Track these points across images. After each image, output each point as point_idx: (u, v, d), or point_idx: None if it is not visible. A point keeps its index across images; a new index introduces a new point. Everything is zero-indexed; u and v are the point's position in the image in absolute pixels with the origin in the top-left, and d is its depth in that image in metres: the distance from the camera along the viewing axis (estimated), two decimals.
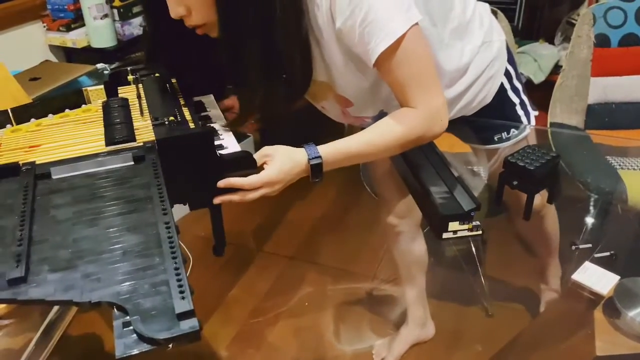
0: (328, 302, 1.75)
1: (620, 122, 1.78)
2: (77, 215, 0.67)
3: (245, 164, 0.85)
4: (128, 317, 0.54)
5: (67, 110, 0.94)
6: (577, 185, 1.44)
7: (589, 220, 1.26)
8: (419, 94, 0.90)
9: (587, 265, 0.96)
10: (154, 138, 0.80)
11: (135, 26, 2.34)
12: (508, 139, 1.17)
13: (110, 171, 0.76)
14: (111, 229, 0.65)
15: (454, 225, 0.89)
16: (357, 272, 1.87)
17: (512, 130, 1.17)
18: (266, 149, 0.89)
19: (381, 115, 1.08)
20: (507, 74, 1.15)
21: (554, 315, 1.13)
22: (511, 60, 1.15)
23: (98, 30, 2.20)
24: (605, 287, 0.91)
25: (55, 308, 1.06)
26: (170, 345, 0.54)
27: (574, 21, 2.48)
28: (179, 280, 0.57)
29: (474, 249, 1.71)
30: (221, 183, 0.85)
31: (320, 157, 0.89)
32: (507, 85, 1.15)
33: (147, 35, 1.02)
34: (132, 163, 0.77)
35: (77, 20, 2.21)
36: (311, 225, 2.12)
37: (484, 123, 1.16)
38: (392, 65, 0.87)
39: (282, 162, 0.88)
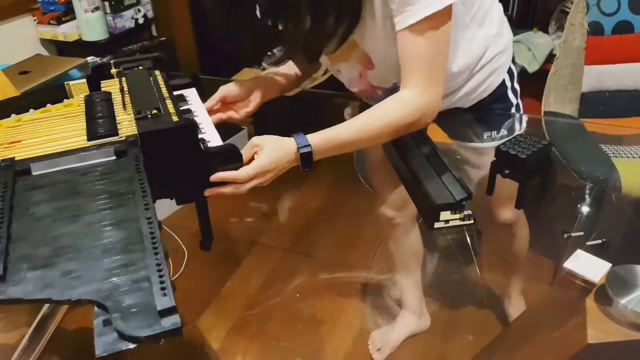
0: (323, 294, 1.75)
1: (614, 110, 1.78)
2: (57, 211, 0.66)
3: (230, 157, 0.84)
4: (108, 315, 0.53)
5: (48, 105, 0.93)
6: (571, 173, 1.43)
7: (582, 209, 1.26)
8: (424, 77, 0.89)
9: (579, 253, 0.96)
10: (136, 132, 0.79)
11: (127, 19, 2.32)
12: (495, 139, 1.17)
13: (92, 166, 0.75)
14: (92, 225, 0.64)
15: (445, 215, 0.89)
16: (352, 263, 1.87)
17: (502, 130, 1.17)
18: (255, 140, 0.89)
19: (394, 88, 1.07)
20: (510, 73, 1.15)
21: (546, 304, 1.14)
22: (514, 61, 1.16)
23: (89, 24, 2.18)
24: (597, 274, 0.91)
25: None
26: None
27: (567, 9, 2.47)
28: (160, 276, 0.56)
29: (468, 239, 1.71)
30: (213, 177, 0.84)
31: (309, 145, 0.89)
32: (508, 84, 1.15)
33: None
34: (114, 158, 0.76)
35: (67, 13, 2.20)
36: (306, 217, 2.12)
37: (477, 117, 1.15)
38: (415, 39, 0.87)
39: (272, 150, 0.87)
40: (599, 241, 1.00)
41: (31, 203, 0.68)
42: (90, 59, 1.74)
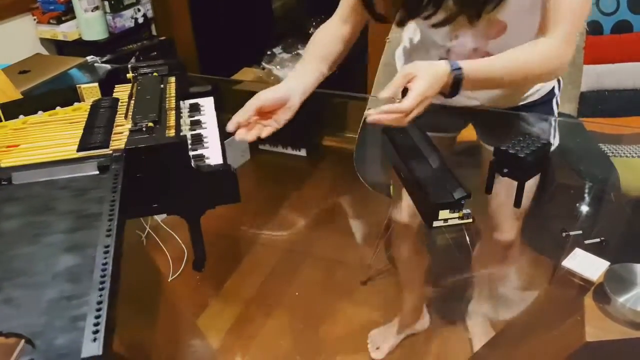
0: (322, 293, 1.76)
1: (613, 110, 1.78)
2: (23, 228, 0.63)
3: (224, 178, 0.80)
4: (34, 355, 0.49)
5: (57, 108, 0.92)
6: (570, 172, 1.44)
7: (581, 207, 1.26)
8: (568, 30, 0.90)
9: (578, 251, 0.96)
10: (123, 146, 0.76)
11: (127, 18, 2.32)
12: None
13: (72, 180, 0.71)
14: (50, 247, 0.60)
15: (444, 214, 0.89)
16: (351, 262, 1.88)
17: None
18: (407, 68, 0.88)
19: None
20: (559, 83, 1.15)
21: (544, 302, 1.14)
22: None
23: (89, 23, 2.18)
24: (596, 273, 0.91)
25: None
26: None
27: None
28: (97, 317, 0.51)
29: (467, 237, 1.71)
30: (371, 119, 0.85)
31: (461, 68, 0.88)
32: (556, 92, 1.15)
33: None
34: (97, 172, 0.72)
35: (67, 12, 2.20)
36: (305, 216, 2.12)
37: (514, 123, 1.13)
38: None
39: (427, 75, 0.86)
40: (598, 240, 1.00)
41: (1, 216, 0.65)
42: (90, 58, 1.74)
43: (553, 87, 1.15)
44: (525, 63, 0.92)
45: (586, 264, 0.93)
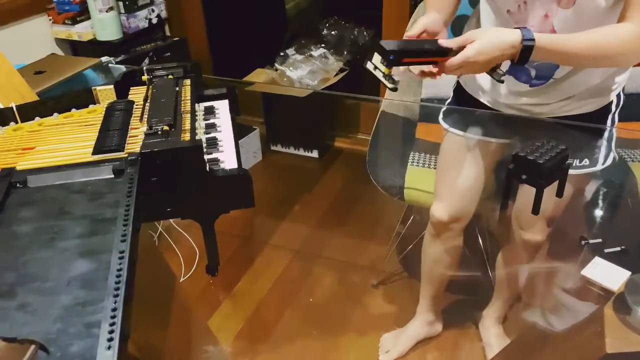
0: (334, 295, 1.75)
1: (630, 114, 1.74)
2: (37, 232, 0.63)
3: (238, 182, 0.80)
4: None
5: (73, 110, 0.92)
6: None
7: (599, 214, 1.24)
8: None
9: (597, 260, 0.94)
10: (139, 150, 0.76)
11: (141, 19, 2.33)
12: (576, 167, 1.12)
13: (87, 184, 0.71)
14: (65, 253, 0.60)
15: (377, 59, 0.97)
16: (363, 265, 1.86)
17: (585, 159, 1.13)
18: (471, 34, 0.93)
19: None
20: (618, 98, 1.13)
21: (563, 311, 1.12)
22: (624, 91, 1.15)
23: (103, 23, 2.20)
24: (616, 283, 0.89)
25: None
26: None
27: None
28: (111, 324, 0.50)
29: (481, 243, 1.69)
30: (421, 73, 0.95)
31: (534, 40, 0.90)
32: (613, 108, 1.12)
33: None
34: (112, 176, 0.72)
35: (82, 13, 2.21)
36: (317, 218, 2.11)
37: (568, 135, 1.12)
38: None
39: (483, 44, 0.91)
40: (618, 248, 0.99)
41: (16, 219, 0.65)
42: (104, 58, 1.75)
43: (610, 102, 1.10)
44: (599, 42, 0.92)
45: (606, 273, 0.91)
